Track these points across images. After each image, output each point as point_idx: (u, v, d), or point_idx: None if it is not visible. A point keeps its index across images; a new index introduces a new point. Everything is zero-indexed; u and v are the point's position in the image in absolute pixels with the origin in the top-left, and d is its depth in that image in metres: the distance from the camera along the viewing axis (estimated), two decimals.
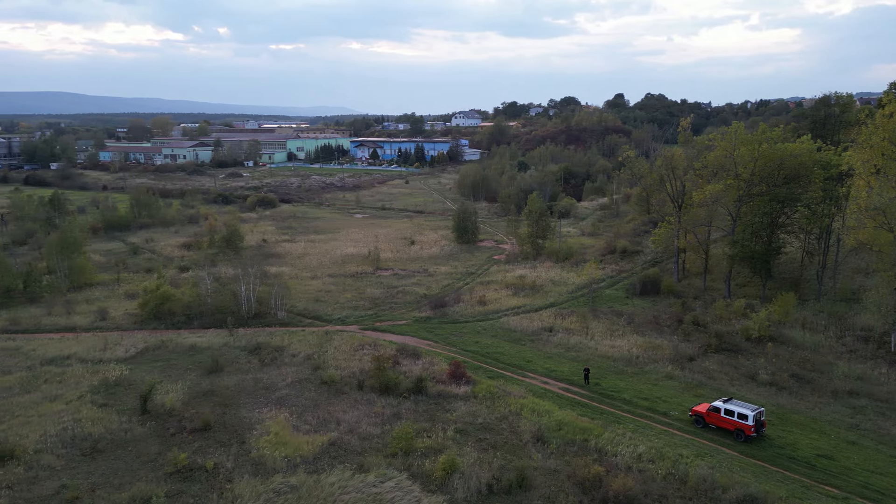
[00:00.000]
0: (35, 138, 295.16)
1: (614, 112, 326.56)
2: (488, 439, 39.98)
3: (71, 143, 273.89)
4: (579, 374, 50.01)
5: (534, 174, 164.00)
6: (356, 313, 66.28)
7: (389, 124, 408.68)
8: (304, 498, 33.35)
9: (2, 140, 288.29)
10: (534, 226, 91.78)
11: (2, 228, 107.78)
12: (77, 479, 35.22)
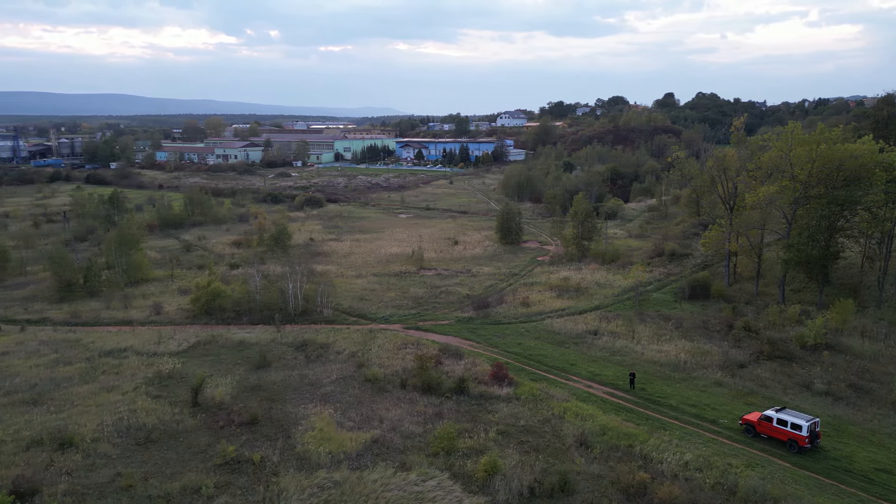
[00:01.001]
0: (96, 139, 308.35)
1: (664, 112, 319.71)
2: (530, 442, 39.72)
3: (129, 144, 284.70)
4: (624, 379, 49.19)
5: (580, 174, 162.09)
6: (399, 312, 66.80)
7: (435, 125, 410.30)
8: (347, 494, 33.80)
9: (65, 140, 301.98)
10: (579, 227, 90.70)
11: (64, 225, 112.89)
12: (131, 467, 36.58)
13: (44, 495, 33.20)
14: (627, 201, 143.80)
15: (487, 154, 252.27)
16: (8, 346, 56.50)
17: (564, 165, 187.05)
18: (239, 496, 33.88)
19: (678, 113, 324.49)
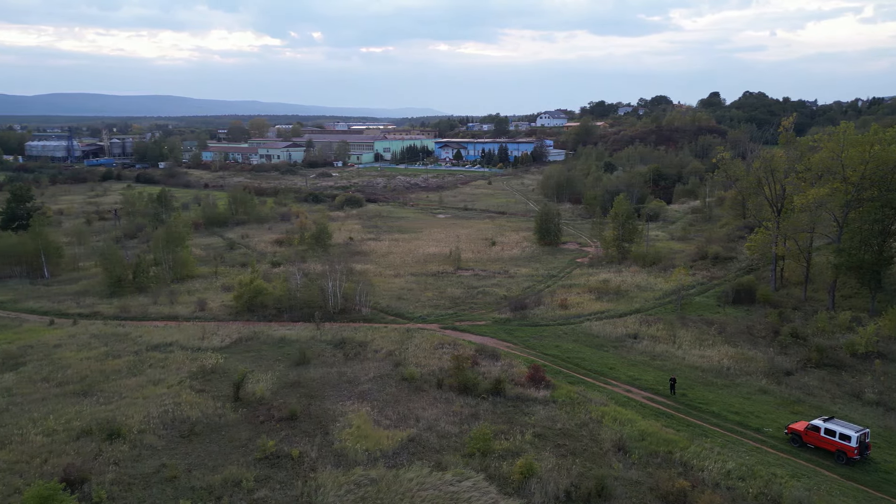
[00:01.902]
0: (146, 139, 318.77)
1: (709, 111, 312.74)
2: (567, 445, 39.34)
3: (177, 144, 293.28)
4: (664, 384, 48.28)
5: (621, 175, 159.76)
6: (437, 312, 67.01)
7: (474, 125, 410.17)
8: (383, 491, 34.08)
9: (116, 140, 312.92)
10: (620, 228, 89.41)
11: (115, 223, 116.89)
12: (175, 459, 37.63)
13: (92, 484, 34.41)
14: (670, 203, 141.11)
15: (526, 154, 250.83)
16: (61, 339, 58.81)
17: (605, 166, 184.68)
18: (278, 490, 34.52)
19: (724, 112, 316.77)
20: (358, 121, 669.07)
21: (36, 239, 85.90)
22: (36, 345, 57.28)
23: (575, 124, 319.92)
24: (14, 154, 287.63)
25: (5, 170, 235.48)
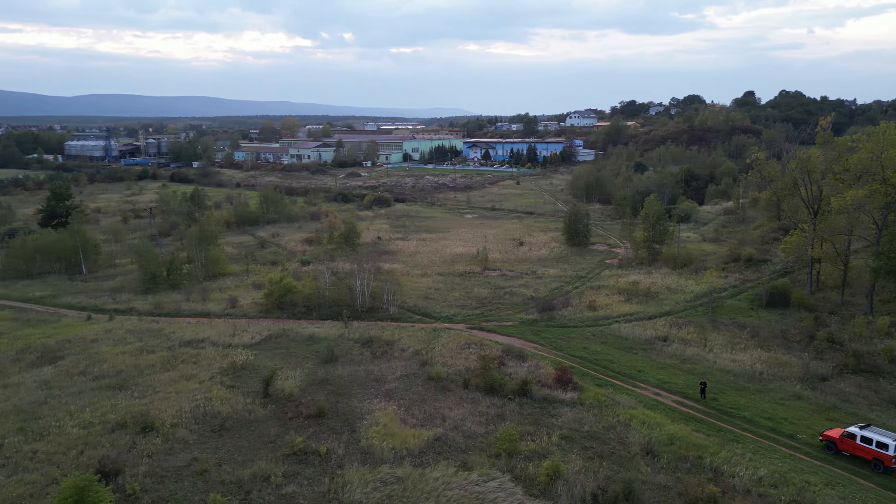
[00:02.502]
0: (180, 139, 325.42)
1: (743, 111, 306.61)
2: (594, 448, 39.02)
3: (210, 144, 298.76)
4: (694, 388, 47.55)
5: (652, 175, 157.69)
6: (463, 312, 67.02)
7: (502, 125, 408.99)
8: (409, 490, 34.24)
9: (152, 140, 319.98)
10: (650, 229, 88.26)
11: (150, 221, 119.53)
12: (206, 453, 38.34)
13: (126, 476, 35.27)
14: (702, 204, 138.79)
15: (555, 154, 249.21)
16: (98, 334, 60.36)
17: (636, 166, 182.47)
18: (306, 486, 34.93)
19: (759, 112, 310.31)
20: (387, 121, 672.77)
21: (74, 236, 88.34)
22: (73, 339, 58.92)
23: (605, 124, 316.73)
24: (54, 153, 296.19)
25: (46, 169, 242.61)
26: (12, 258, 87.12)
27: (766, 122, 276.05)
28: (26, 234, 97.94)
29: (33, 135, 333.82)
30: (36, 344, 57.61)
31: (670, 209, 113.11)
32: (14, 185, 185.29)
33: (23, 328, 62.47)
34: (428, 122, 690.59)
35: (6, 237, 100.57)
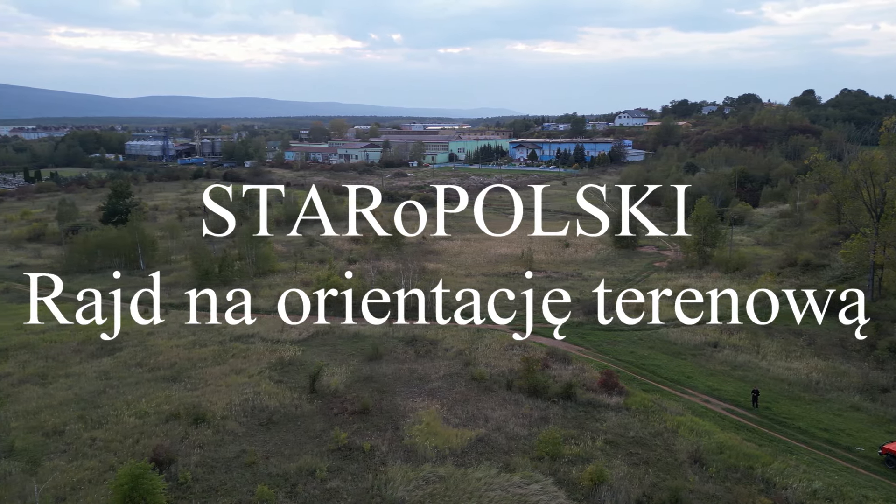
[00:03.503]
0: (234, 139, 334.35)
1: (801, 110, 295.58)
2: (640, 454, 38.31)
3: (262, 144, 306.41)
4: (746, 396, 46.14)
5: (704, 177, 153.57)
6: (507, 313, 66.68)
7: (549, 125, 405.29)
8: (451, 489, 34.34)
9: (206, 140, 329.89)
10: (701, 232, 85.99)
11: (204, 218, 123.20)
12: (254, 445, 39.34)
13: (178, 465, 36.52)
14: (756, 206, 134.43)
15: (604, 154, 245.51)
16: (154, 328, 62.65)
17: (687, 167, 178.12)
18: (350, 481, 35.45)
19: (818, 111, 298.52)
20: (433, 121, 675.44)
21: (133, 233, 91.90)
22: (131, 332, 61.32)
23: (655, 124, 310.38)
24: (115, 153, 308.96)
25: (107, 168, 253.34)
26: (75, 253, 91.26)
27: (827, 122, 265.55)
28: (88, 231, 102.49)
29: (96, 135, 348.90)
30: (96, 336, 60.20)
31: (723, 211, 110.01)
32: (78, 183, 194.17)
33: (85, 319, 65.30)
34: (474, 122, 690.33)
35: (70, 233, 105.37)
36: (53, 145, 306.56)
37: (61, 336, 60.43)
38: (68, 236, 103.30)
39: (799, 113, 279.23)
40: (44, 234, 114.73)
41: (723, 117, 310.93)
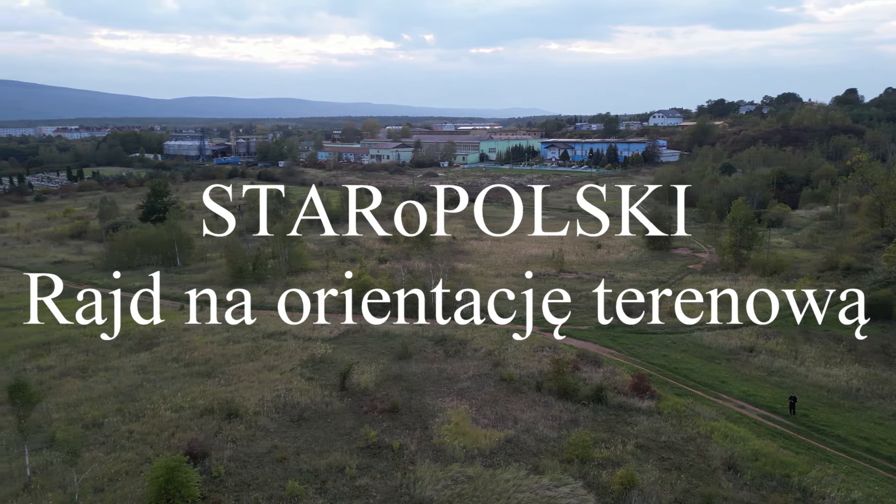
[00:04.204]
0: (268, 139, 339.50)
1: (844, 109, 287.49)
2: (672, 459, 37.71)
3: (295, 144, 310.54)
4: (783, 402, 45.04)
5: (740, 178, 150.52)
6: (537, 314, 66.33)
7: (582, 125, 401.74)
8: (479, 490, 34.29)
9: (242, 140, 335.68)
10: (737, 234, 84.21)
11: (239, 217, 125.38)
12: (286, 441, 39.88)
13: (212, 459, 37.23)
14: (795, 208, 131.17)
15: (637, 155, 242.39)
16: (189, 324, 63.95)
17: (723, 167, 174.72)
18: (378, 479, 35.67)
19: (861, 111, 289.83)
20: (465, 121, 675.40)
21: (171, 231, 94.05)
22: (168, 327, 62.74)
23: (691, 124, 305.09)
24: (154, 153, 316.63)
25: (146, 167, 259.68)
26: (115, 250, 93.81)
27: (870, 122, 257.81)
28: (128, 229, 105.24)
29: (136, 135, 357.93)
30: (134, 331, 61.78)
31: (760, 213, 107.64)
32: (118, 182, 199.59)
33: (123, 315, 67.08)
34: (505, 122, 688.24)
35: (110, 230, 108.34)
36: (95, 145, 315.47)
37: (101, 329, 62.11)
38: (109, 234, 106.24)
39: (841, 112, 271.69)
40: (85, 231, 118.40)
41: (761, 117, 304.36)
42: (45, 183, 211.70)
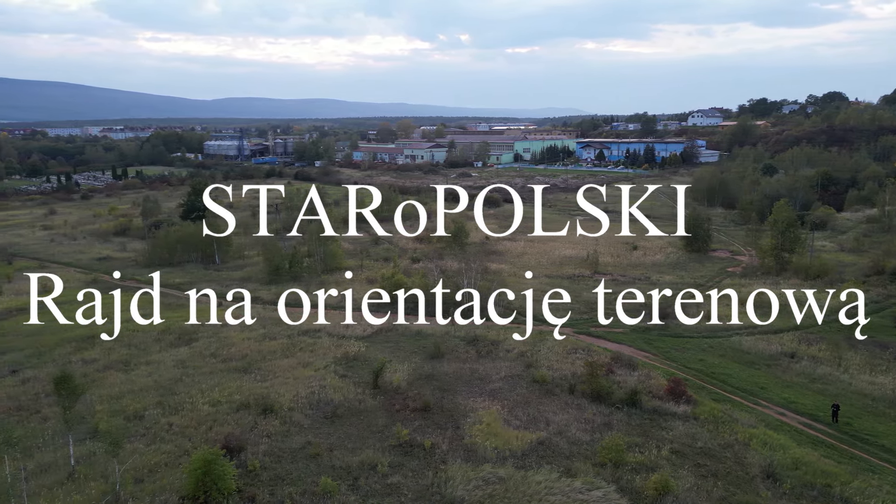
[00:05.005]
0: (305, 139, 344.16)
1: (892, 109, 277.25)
2: (708, 466, 36.96)
3: (331, 144, 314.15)
4: (825, 410, 43.74)
5: (782, 179, 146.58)
6: (571, 316, 65.72)
7: (618, 124, 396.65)
8: (510, 491, 34.16)
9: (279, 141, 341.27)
10: (779, 237, 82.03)
11: (276, 216, 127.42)
12: (319, 438, 40.38)
13: (248, 453, 37.94)
14: (840, 210, 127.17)
15: (675, 155, 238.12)
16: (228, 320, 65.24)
17: (765, 168, 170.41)
18: (410, 478, 35.85)
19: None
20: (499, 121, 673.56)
21: (210, 229, 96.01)
22: (206, 324, 64.10)
23: (731, 123, 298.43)
24: (195, 152, 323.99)
25: (187, 166, 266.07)
26: (157, 247, 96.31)
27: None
28: (169, 226, 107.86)
29: (177, 135, 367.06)
30: (175, 326, 63.33)
31: (803, 215, 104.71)
32: (160, 181, 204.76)
33: (164, 311, 68.84)
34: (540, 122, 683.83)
35: (153, 228, 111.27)
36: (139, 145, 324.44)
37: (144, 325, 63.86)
38: (151, 231, 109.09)
39: (889, 112, 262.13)
40: (129, 228, 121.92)
41: (805, 117, 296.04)
42: (91, 181, 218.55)
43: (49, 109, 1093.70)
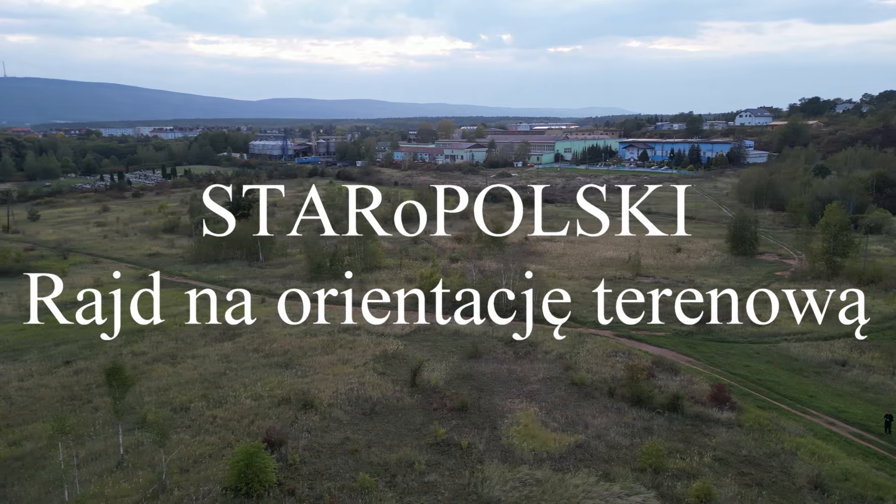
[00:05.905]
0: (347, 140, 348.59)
1: None
2: (753, 475, 35.99)
3: (372, 145, 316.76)
4: (877, 420, 42.09)
5: (835, 180, 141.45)
6: (611, 318, 64.82)
7: (663, 124, 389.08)
8: (548, 493, 33.95)
9: (322, 141, 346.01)
10: (831, 240, 79.23)
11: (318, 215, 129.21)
12: (357, 434, 40.88)
13: (288, 447, 38.67)
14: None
15: (722, 155, 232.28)
16: (269, 317, 66.62)
17: (816, 169, 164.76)
18: (447, 476, 35.97)
19: None
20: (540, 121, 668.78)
21: (254, 227, 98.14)
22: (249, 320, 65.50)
23: (781, 123, 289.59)
24: (240, 152, 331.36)
25: (233, 165, 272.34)
26: (203, 245, 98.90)
27: None
28: (215, 224, 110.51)
29: (224, 135, 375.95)
30: (219, 321, 64.90)
31: (856, 218, 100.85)
32: (207, 180, 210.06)
33: (209, 306, 70.66)
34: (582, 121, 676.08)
35: (200, 226, 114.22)
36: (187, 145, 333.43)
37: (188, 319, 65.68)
38: (198, 229, 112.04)
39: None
40: (177, 226, 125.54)
41: (860, 116, 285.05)
42: (142, 180, 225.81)
43: (102, 110, 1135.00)
